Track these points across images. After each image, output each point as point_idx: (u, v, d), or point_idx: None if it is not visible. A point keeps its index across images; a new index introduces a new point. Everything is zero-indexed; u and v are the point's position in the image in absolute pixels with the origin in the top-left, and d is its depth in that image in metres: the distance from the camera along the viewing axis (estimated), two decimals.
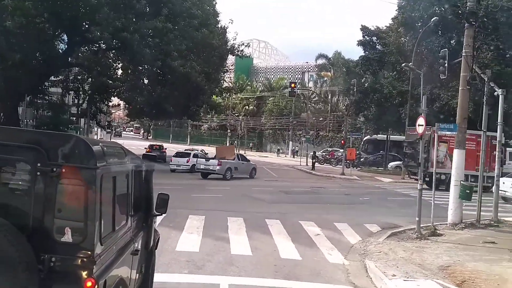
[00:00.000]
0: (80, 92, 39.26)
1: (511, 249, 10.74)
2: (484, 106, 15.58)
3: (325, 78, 76.04)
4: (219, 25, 37.52)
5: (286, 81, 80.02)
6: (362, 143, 52.99)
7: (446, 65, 18.34)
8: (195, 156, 32.50)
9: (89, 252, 3.52)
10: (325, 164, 48.10)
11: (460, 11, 26.88)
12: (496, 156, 16.28)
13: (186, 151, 34.94)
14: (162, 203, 6.03)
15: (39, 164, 3.53)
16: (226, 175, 28.12)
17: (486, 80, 16.18)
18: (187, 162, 32.13)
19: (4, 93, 27.47)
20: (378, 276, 8.77)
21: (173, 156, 33.18)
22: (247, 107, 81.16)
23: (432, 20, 30.81)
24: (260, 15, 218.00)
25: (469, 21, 14.92)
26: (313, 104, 77.17)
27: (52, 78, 35.30)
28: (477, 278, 8.61)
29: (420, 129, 13.61)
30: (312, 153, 44.47)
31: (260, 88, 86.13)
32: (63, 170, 3.53)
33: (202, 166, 28.71)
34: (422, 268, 9.30)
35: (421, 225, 12.90)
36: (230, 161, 28.99)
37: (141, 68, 33.23)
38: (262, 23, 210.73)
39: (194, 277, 8.19)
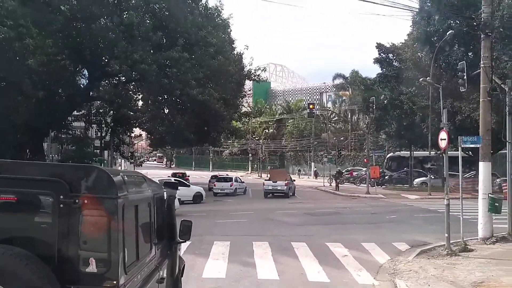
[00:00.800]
0: (103, 125, 40.03)
1: None
2: (507, 116, 15.30)
3: (344, 98, 75.94)
4: (235, 52, 38.04)
5: (304, 102, 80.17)
6: (385, 160, 52.36)
7: (465, 77, 18.18)
8: (236, 180, 37.35)
9: (114, 282, 3.53)
10: (345, 183, 47.54)
11: (475, 23, 26.70)
12: None
13: (225, 176, 39.44)
14: (185, 229, 6.04)
15: (61, 197, 3.58)
16: (289, 193, 33.87)
17: (507, 90, 15.92)
18: (230, 186, 36.15)
19: (29, 130, 28.13)
20: None
21: (216, 181, 37.28)
22: (267, 131, 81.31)
23: (448, 33, 30.63)
24: (275, 39, 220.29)
25: (485, 32, 14.81)
26: (333, 124, 76.93)
27: (75, 112, 36.10)
28: None
29: (442, 143, 13.42)
30: (335, 172, 44.07)
31: (279, 111, 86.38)
32: (85, 201, 3.58)
33: (270, 187, 34.22)
34: (455, 285, 9.05)
35: (451, 241, 12.59)
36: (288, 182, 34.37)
37: (160, 98, 33.79)
38: (277, 47, 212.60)
39: None
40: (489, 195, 13.79)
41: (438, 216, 17.85)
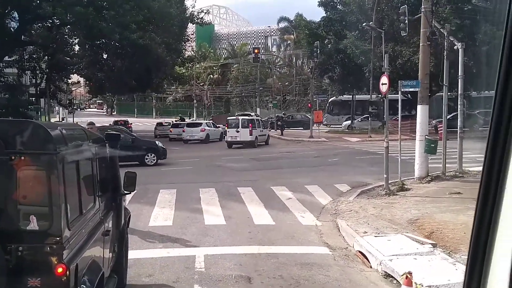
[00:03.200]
0: (37, 71, 37.96)
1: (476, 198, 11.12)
2: (444, 60, 15.83)
3: (289, 42, 75.59)
4: None
5: (249, 46, 79.14)
6: (327, 104, 53.45)
7: (406, 21, 18.51)
8: (208, 125, 35.89)
9: (57, 238, 3.46)
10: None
11: None
12: (458, 109, 16.63)
13: (195, 122, 38.26)
14: (130, 181, 5.97)
15: None
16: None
17: (445, 35, 16.38)
18: (200, 131, 34.57)
19: None
20: (350, 234, 8.98)
21: (186, 127, 35.61)
22: (211, 76, 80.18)
23: None
24: None
25: None
26: (278, 69, 76.88)
27: (6, 58, 33.92)
28: (445, 228, 8.92)
29: (383, 88, 13.76)
30: (280, 117, 44.55)
31: (223, 56, 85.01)
32: (22, 158, 3.42)
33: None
34: (392, 223, 9.57)
35: (389, 181, 13.21)
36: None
37: (98, 42, 32.27)
38: None
39: (169, 250, 8.20)
40: (426, 136, 14.43)
41: (378, 158, 18.56)
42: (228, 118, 34.81)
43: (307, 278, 6.96)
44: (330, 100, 53.51)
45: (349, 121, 45.08)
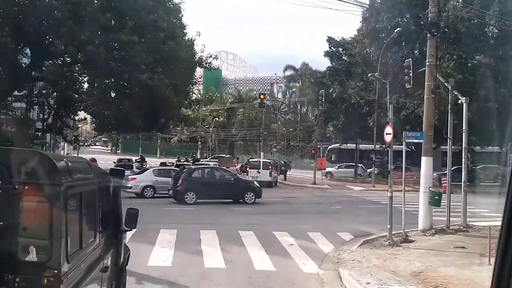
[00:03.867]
0: (45, 107, 38.32)
1: (481, 253, 10.91)
2: (449, 113, 15.94)
3: (294, 89, 76.71)
4: (186, 38, 37.36)
5: (255, 92, 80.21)
6: (326, 152, 53.82)
7: (411, 74, 18.78)
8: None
9: (55, 271, 3.38)
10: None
11: (422, 22, 27.65)
12: (463, 163, 16.60)
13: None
14: (131, 218, 5.89)
15: (0, 182, 3.37)
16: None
17: (449, 89, 16.58)
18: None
19: None
20: (353, 284, 8.77)
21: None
22: (217, 119, 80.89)
23: (395, 31, 31.52)
24: (227, 27, 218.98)
25: (431, 32, 15.31)
26: (283, 115, 77.59)
27: (16, 93, 34.37)
28: (449, 283, 8.70)
29: (388, 138, 13.82)
30: (283, 163, 44.57)
31: (229, 100, 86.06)
32: (26, 188, 3.39)
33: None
34: (396, 275, 9.35)
35: (393, 232, 13.01)
36: None
37: (107, 81, 32.72)
38: (230, 35, 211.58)
39: None
40: (430, 188, 14.34)
41: (381, 208, 18.41)
42: (250, 160, 40.03)
43: None
44: (329, 148, 53.97)
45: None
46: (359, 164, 45.80)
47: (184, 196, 21.14)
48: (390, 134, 13.69)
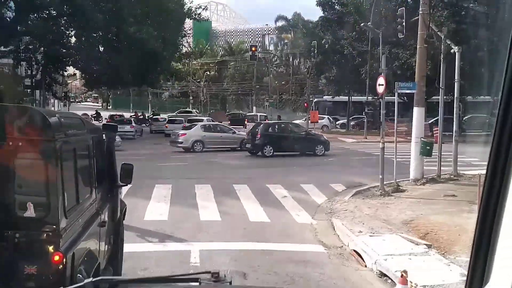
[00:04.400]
0: (33, 63, 37.55)
1: (471, 201, 11.14)
2: (441, 63, 15.85)
3: (286, 41, 75.56)
4: None
5: (246, 44, 79.10)
6: (312, 104, 53.91)
7: (404, 23, 18.51)
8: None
9: (54, 226, 3.41)
10: None
11: None
12: (454, 112, 16.67)
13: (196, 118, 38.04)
14: (126, 173, 5.89)
15: None
16: None
17: (442, 38, 16.41)
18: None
19: None
20: (345, 233, 8.98)
21: (187, 123, 33.62)
22: (208, 73, 80.00)
23: None
24: None
25: None
26: (275, 68, 76.82)
27: (2, 48, 33.59)
28: (439, 230, 8.93)
29: (380, 89, 13.80)
30: (277, 117, 44.62)
31: (220, 53, 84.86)
32: (19, 144, 3.36)
33: None
34: (387, 223, 9.57)
35: (385, 182, 13.21)
36: None
37: (95, 35, 32.02)
38: None
39: (164, 245, 8.18)
40: (421, 139, 14.45)
41: (374, 159, 18.59)
42: (248, 114, 43.50)
43: (302, 275, 6.94)
44: (314, 101, 54.02)
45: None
46: (326, 116, 45.79)
47: (262, 149, 23.24)
48: (382, 85, 13.67)
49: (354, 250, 8.14)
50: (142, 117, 50.05)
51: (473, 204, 10.74)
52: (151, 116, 50.57)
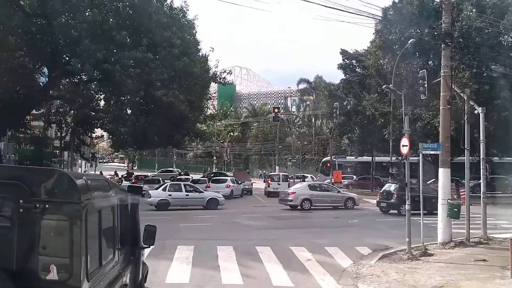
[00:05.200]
0: (63, 125, 38.93)
1: (503, 266, 10.70)
2: (465, 124, 15.78)
3: (308, 102, 76.71)
4: (200, 54, 37.71)
5: (269, 106, 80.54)
6: (320, 164, 53.97)
7: (426, 85, 18.63)
8: (232, 181, 37.28)
9: None
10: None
11: (436, 33, 27.52)
12: (481, 174, 16.38)
13: (220, 177, 40.20)
14: (149, 234, 5.91)
15: (21, 201, 3.42)
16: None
17: (465, 99, 16.43)
18: (226, 187, 35.63)
19: None
20: None
21: (211, 182, 36.77)
22: (232, 134, 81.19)
23: (409, 42, 31.39)
24: (241, 42, 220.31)
25: (445, 42, 15.22)
26: (297, 128, 77.56)
27: (34, 111, 34.95)
28: None
29: (404, 150, 13.70)
30: (298, 176, 44.44)
31: (244, 114, 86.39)
32: (46, 206, 3.43)
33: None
34: None
35: (412, 246, 12.84)
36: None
37: (123, 98, 33.08)
38: (243, 50, 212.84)
39: None
40: (448, 200, 14.14)
41: (400, 221, 18.17)
42: (271, 174, 44.79)
43: None
44: (323, 160, 53.96)
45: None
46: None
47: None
48: (406, 146, 13.58)
49: None
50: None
51: (505, 270, 10.32)
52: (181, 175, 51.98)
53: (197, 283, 9.75)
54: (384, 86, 32.84)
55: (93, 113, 34.18)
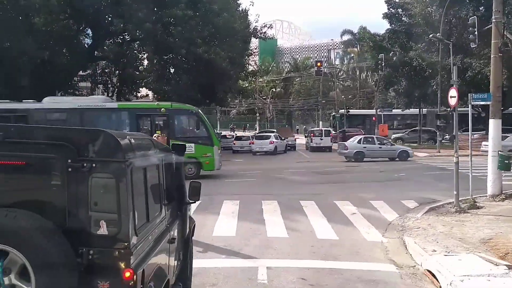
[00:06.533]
0: (109, 85, 39.76)
1: None
2: None
3: (352, 55, 74.83)
4: (240, 9, 37.20)
5: (312, 60, 79.24)
6: (332, 119, 53.38)
7: (476, 33, 17.77)
8: (276, 138, 37.53)
9: (125, 244, 3.54)
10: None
11: None
12: None
13: (264, 134, 40.51)
14: (194, 191, 6.04)
15: (69, 160, 3.56)
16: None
17: None
18: (269, 144, 36.20)
19: (35, 91, 28.06)
20: (418, 252, 8.61)
21: (255, 139, 37.83)
22: (274, 90, 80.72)
23: None
24: None
25: None
26: (341, 82, 76.15)
27: (81, 73, 35.85)
28: None
29: (452, 101, 13.25)
30: (342, 131, 44.07)
31: (286, 69, 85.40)
32: (93, 165, 3.55)
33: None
34: (463, 242, 9.08)
35: (460, 199, 12.60)
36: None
37: (165, 57, 33.38)
38: (283, 3, 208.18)
39: (232, 261, 8.23)
40: (499, 152, 13.68)
41: (447, 174, 17.85)
42: (312, 129, 44.43)
43: None
44: (332, 115, 53.24)
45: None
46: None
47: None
48: (454, 97, 13.12)
49: (428, 270, 7.78)
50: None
51: None
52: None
53: (243, 236, 9.99)
54: (431, 35, 31.49)
55: (137, 73, 34.71)
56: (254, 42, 49.76)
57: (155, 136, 9.74)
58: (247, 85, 61.33)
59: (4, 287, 3.33)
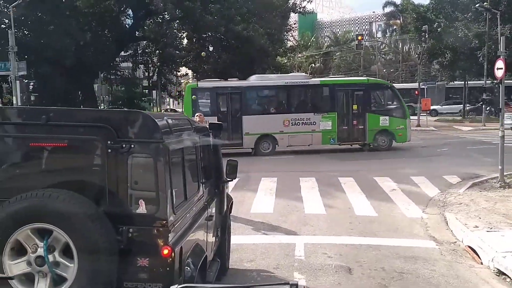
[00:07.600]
0: (150, 65, 40.34)
1: None
2: None
3: (395, 27, 72.50)
4: None
5: (353, 33, 77.31)
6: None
7: None
8: None
9: (163, 222, 3.69)
10: None
11: None
12: None
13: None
14: (231, 169, 6.16)
15: (109, 142, 3.71)
16: None
17: None
18: None
19: (79, 72, 28.86)
20: (459, 228, 8.50)
21: None
22: (313, 65, 79.56)
23: None
24: None
25: None
26: (383, 55, 74.28)
27: (122, 53, 36.50)
28: None
29: (499, 73, 12.77)
30: None
31: (326, 44, 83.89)
32: (132, 146, 3.69)
33: None
34: (507, 218, 8.89)
35: (505, 174, 12.27)
36: None
37: (205, 35, 33.48)
38: None
39: (270, 237, 8.37)
40: None
41: (492, 148, 17.30)
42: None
43: (411, 271, 6.71)
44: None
45: None
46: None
47: None
48: (501, 68, 12.63)
49: (469, 246, 7.69)
50: None
51: None
52: None
53: (280, 213, 10.11)
54: (478, 5, 30.16)
55: (177, 52, 35.01)
56: (293, 17, 49.05)
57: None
58: (285, 61, 60.73)
59: (49, 264, 3.53)
